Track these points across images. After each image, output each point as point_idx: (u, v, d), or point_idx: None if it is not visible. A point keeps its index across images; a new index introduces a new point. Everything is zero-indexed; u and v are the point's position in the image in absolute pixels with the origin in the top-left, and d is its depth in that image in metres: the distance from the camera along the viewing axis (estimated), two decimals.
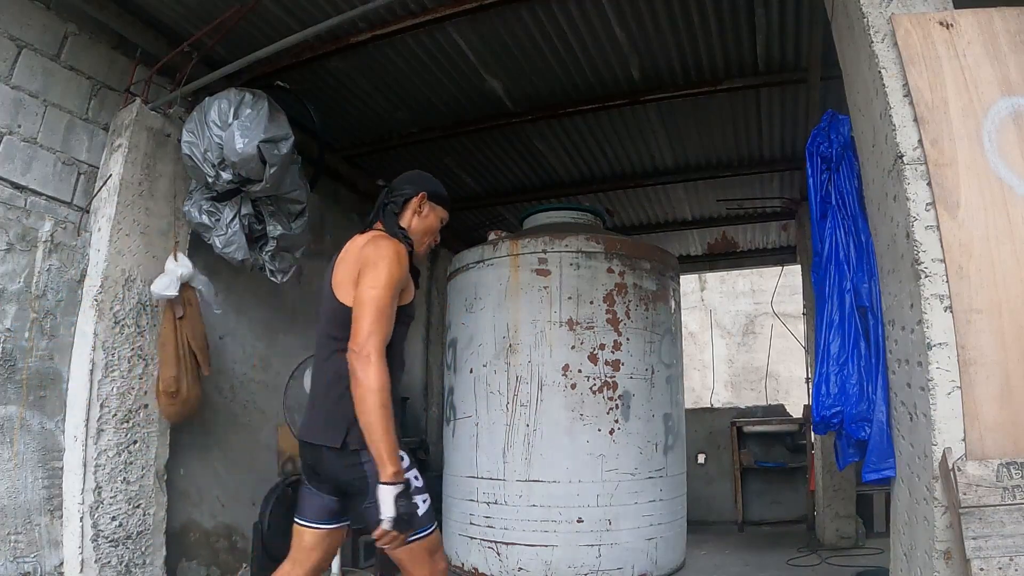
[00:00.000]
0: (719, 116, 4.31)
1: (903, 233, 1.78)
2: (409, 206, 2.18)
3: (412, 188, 2.20)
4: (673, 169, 5.13)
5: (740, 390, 10.67)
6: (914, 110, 1.78)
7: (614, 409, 3.89)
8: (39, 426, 2.82)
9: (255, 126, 3.00)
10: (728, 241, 6.89)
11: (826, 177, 2.27)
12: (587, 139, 4.65)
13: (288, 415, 3.37)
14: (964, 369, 1.62)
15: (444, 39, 3.47)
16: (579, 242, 4.04)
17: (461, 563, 4.03)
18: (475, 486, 4.01)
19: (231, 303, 3.91)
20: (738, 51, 3.61)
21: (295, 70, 3.61)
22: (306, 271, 4.52)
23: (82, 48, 3.08)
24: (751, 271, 10.08)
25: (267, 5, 3.12)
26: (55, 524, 2.82)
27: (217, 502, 3.67)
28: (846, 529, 4.80)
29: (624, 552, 3.76)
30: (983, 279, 1.66)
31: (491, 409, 4.02)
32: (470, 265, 4.35)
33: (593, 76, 3.85)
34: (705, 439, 6.38)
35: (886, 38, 1.87)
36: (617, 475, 3.81)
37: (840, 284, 2.13)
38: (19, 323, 2.77)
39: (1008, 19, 1.83)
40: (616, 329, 3.97)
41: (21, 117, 2.83)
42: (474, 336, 4.19)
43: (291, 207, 3.47)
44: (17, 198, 2.80)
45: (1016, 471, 1.50)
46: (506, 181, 5.42)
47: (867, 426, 2.02)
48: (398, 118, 4.35)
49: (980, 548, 1.46)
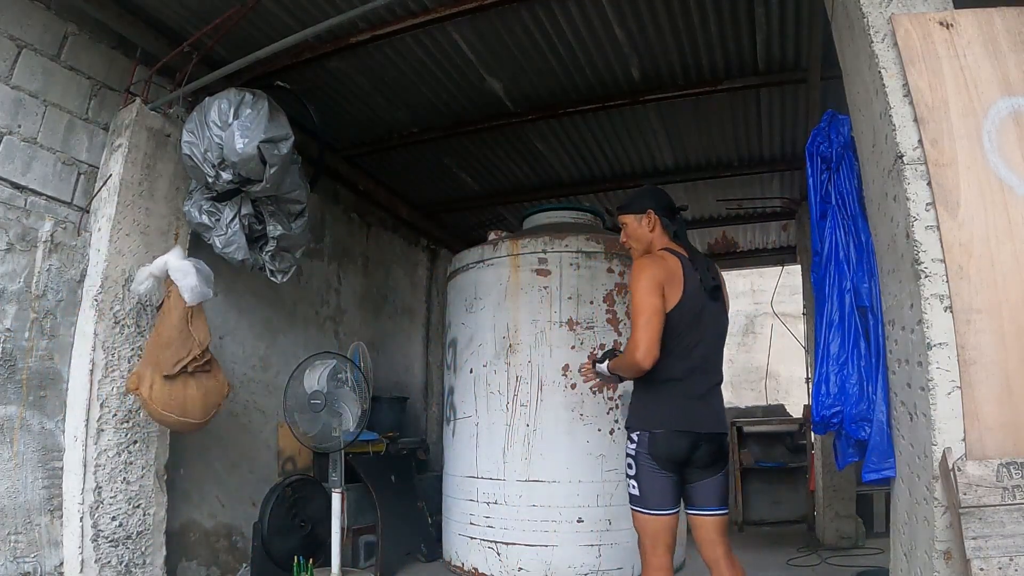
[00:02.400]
0: (719, 116, 4.31)
1: (903, 233, 1.78)
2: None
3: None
4: (673, 169, 5.13)
5: (740, 390, 10.66)
6: (914, 110, 1.78)
7: (614, 409, 3.89)
8: (39, 426, 2.82)
9: (255, 126, 3.00)
10: (728, 241, 6.89)
11: (826, 177, 2.26)
12: (587, 139, 4.65)
13: (288, 415, 3.37)
14: (964, 369, 1.62)
15: (444, 39, 3.47)
16: (579, 242, 4.04)
17: (461, 563, 4.03)
18: (475, 486, 4.01)
19: (231, 303, 3.92)
20: (738, 51, 3.61)
21: (295, 70, 3.62)
22: (306, 271, 4.53)
23: (82, 48, 3.08)
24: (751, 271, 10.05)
25: (267, 5, 3.12)
26: (55, 524, 2.82)
27: (217, 502, 3.67)
28: (846, 529, 4.80)
29: (624, 552, 3.76)
30: (983, 279, 1.66)
31: (491, 409, 4.02)
32: (470, 265, 4.35)
33: (593, 76, 3.85)
34: None
35: (886, 38, 1.87)
36: (617, 475, 3.81)
37: (840, 284, 2.13)
38: (19, 323, 2.77)
39: (1008, 19, 1.82)
40: (616, 329, 3.97)
41: (21, 117, 2.83)
42: (474, 336, 4.19)
43: (291, 207, 3.47)
44: (17, 198, 2.80)
45: (1016, 471, 1.50)
46: (506, 181, 5.42)
47: (867, 426, 2.02)
48: (398, 118, 4.35)
49: (980, 548, 1.46)
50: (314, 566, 3.43)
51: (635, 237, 2.49)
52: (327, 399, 3.28)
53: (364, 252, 5.33)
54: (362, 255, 5.30)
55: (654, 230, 2.44)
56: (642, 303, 2.20)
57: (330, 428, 3.33)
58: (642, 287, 2.21)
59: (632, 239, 2.51)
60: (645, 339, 2.16)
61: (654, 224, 2.44)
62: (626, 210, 2.52)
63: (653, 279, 2.23)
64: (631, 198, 2.56)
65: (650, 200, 2.49)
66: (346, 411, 3.37)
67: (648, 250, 2.44)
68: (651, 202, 2.48)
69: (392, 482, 4.43)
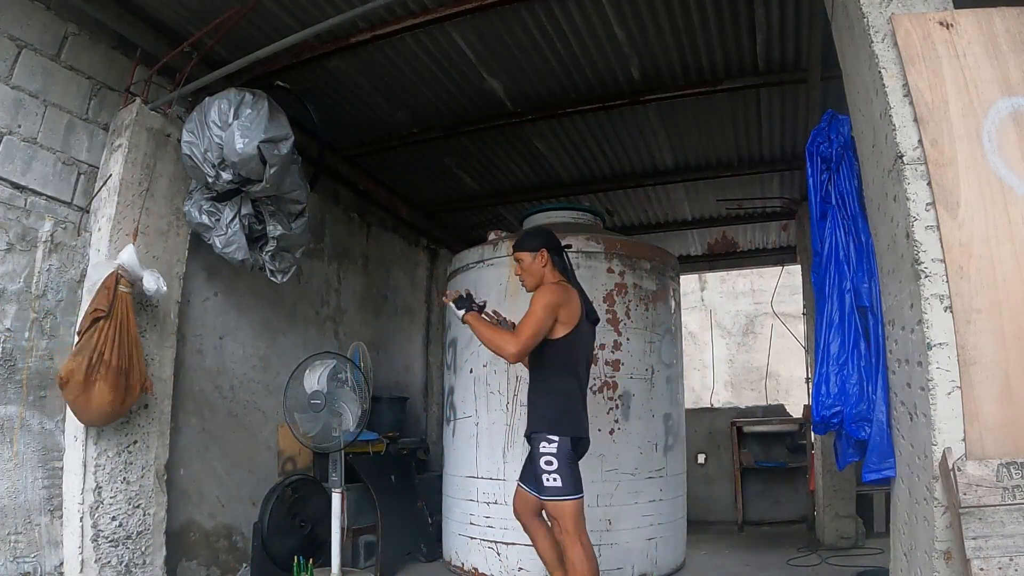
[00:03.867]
0: (719, 116, 4.31)
1: (903, 233, 1.78)
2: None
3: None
4: (673, 169, 5.13)
5: (740, 390, 10.67)
6: (914, 110, 1.78)
7: (614, 409, 3.89)
8: (39, 426, 2.82)
9: (255, 126, 3.00)
10: (728, 241, 6.89)
11: (826, 177, 2.27)
12: (587, 139, 4.65)
13: (288, 415, 3.37)
14: (964, 369, 1.62)
15: (444, 39, 3.47)
16: (579, 242, 4.04)
17: (461, 563, 4.03)
18: (475, 486, 4.01)
19: (231, 303, 3.92)
20: (738, 51, 3.61)
21: (295, 70, 3.61)
22: (306, 271, 4.52)
23: (82, 48, 3.08)
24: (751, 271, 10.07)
25: (267, 5, 3.12)
26: (55, 524, 2.82)
27: (217, 502, 3.67)
28: (846, 529, 4.80)
29: (624, 552, 3.76)
30: (983, 279, 1.66)
31: (491, 409, 4.02)
32: (470, 265, 4.35)
33: (593, 76, 3.85)
34: (705, 439, 6.37)
35: (886, 38, 1.87)
36: (617, 475, 3.81)
37: (840, 284, 2.13)
38: (19, 323, 2.77)
39: (1008, 19, 1.83)
40: (616, 329, 3.97)
41: (21, 117, 2.83)
42: (474, 336, 4.18)
43: (291, 207, 3.47)
44: (17, 198, 2.80)
45: (1016, 471, 1.50)
46: (506, 181, 5.42)
47: (867, 426, 2.02)
48: (398, 118, 4.35)
49: (980, 548, 1.46)
50: (314, 566, 3.43)
51: (529, 271, 2.84)
52: (327, 399, 3.28)
53: (364, 252, 5.33)
54: (362, 255, 5.30)
55: (546, 266, 2.82)
56: (540, 317, 2.60)
57: (330, 428, 3.33)
58: (545, 304, 2.62)
59: (526, 273, 2.85)
60: (526, 346, 2.58)
61: (546, 261, 2.82)
62: (521, 247, 2.87)
63: (555, 304, 2.64)
64: (526, 236, 2.95)
65: (543, 240, 2.87)
66: (346, 411, 3.37)
67: (540, 283, 2.79)
68: (543, 242, 2.86)
69: (392, 482, 4.43)
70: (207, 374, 3.70)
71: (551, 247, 2.86)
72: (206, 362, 3.70)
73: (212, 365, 3.74)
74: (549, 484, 2.58)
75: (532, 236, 2.94)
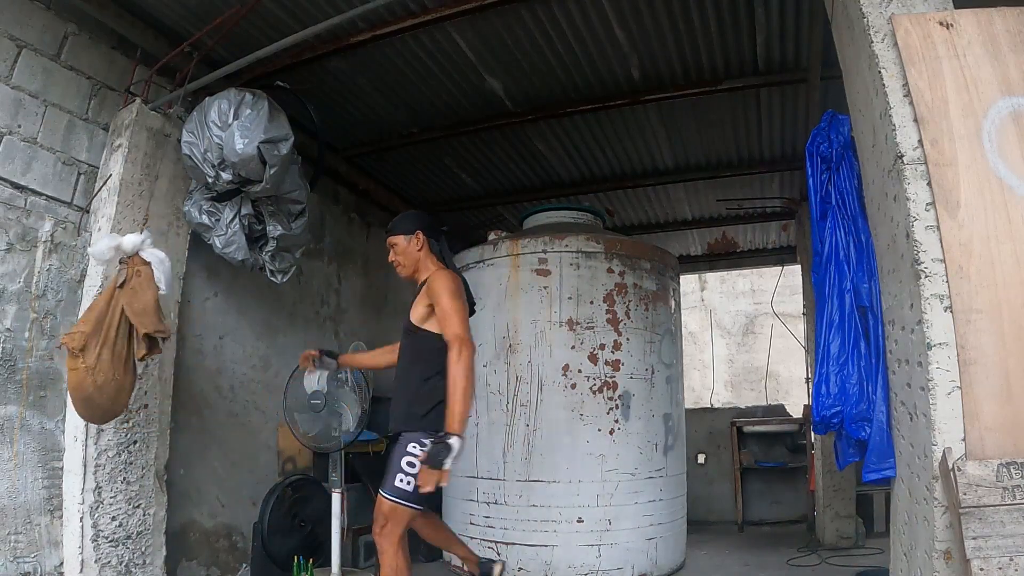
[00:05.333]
0: (719, 116, 4.31)
1: (903, 233, 1.78)
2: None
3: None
4: (673, 169, 5.13)
5: (740, 390, 10.67)
6: (914, 110, 1.78)
7: (614, 409, 3.89)
8: (39, 426, 2.82)
9: (255, 126, 3.00)
10: (728, 241, 6.89)
11: (826, 177, 2.27)
12: (587, 139, 4.64)
13: (288, 415, 3.37)
14: (964, 369, 1.62)
15: (444, 39, 3.47)
16: (579, 242, 4.04)
17: (461, 563, 4.03)
18: (475, 486, 4.01)
19: (231, 303, 3.92)
20: (738, 51, 3.61)
21: (295, 70, 3.61)
22: (306, 271, 4.52)
23: (82, 48, 3.08)
24: (751, 271, 10.07)
25: (267, 5, 3.12)
26: (55, 524, 2.82)
27: (217, 502, 3.67)
28: (846, 529, 4.80)
29: (624, 552, 3.76)
30: (983, 279, 1.66)
31: (491, 409, 4.02)
32: (470, 265, 4.35)
33: (593, 76, 3.85)
34: (705, 439, 6.38)
35: (886, 38, 1.87)
36: (617, 475, 3.81)
37: (840, 284, 2.13)
38: (19, 323, 2.77)
39: (1008, 19, 1.83)
40: (616, 329, 3.97)
41: (21, 117, 2.83)
42: (474, 336, 4.18)
43: (291, 207, 3.47)
44: (17, 198, 2.80)
45: (1016, 471, 1.50)
46: (506, 181, 5.42)
47: (867, 426, 2.02)
48: (398, 118, 4.35)
49: (980, 548, 1.46)
50: (314, 566, 3.44)
51: (404, 254, 2.71)
52: (327, 399, 3.28)
53: (364, 252, 5.33)
54: (362, 255, 5.30)
55: (422, 249, 2.69)
56: (456, 304, 2.48)
57: (330, 428, 3.33)
58: (452, 291, 2.50)
59: (401, 256, 2.72)
60: (467, 336, 2.45)
61: (422, 244, 2.69)
62: (396, 230, 2.73)
63: (459, 288, 2.54)
64: (400, 220, 2.80)
65: (419, 222, 2.74)
66: (346, 411, 3.37)
67: (417, 268, 2.69)
68: (420, 224, 2.73)
69: None
70: (207, 374, 3.70)
71: (427, 229, 2.71)
72: (206, 362, 3.70)
73: (212, 365, 3.74)
74: (400, 485, 2.41)
75: (406, 218, 2.80)
